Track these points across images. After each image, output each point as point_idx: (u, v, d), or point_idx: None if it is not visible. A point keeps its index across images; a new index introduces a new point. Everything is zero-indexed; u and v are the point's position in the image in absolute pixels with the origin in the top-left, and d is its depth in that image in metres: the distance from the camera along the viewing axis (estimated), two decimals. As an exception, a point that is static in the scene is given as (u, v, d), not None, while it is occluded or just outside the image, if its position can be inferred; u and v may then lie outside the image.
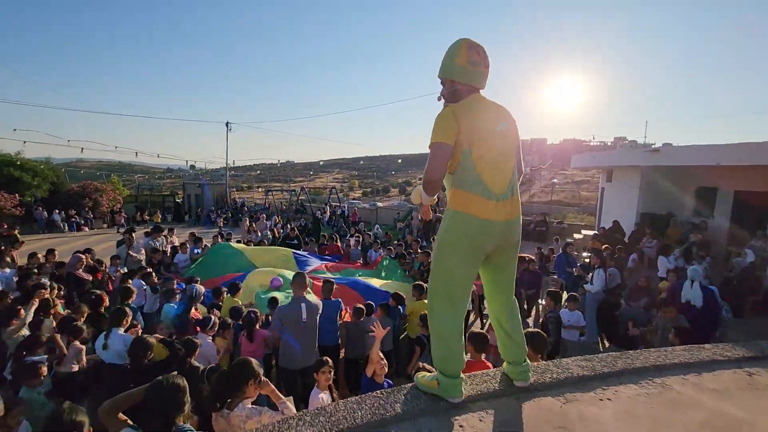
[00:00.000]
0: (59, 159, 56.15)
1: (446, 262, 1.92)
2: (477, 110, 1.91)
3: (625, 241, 11.54)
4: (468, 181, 1.87)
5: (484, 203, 1.84)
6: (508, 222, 1.89)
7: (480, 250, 1.90)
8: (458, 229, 1.88)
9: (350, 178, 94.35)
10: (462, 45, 1.96)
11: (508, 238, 1.93)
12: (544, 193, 44.00)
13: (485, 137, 1.87)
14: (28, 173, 20.66)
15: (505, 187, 1.89)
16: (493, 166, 1.87)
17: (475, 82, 1.97)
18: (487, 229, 1.85)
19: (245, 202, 29.94)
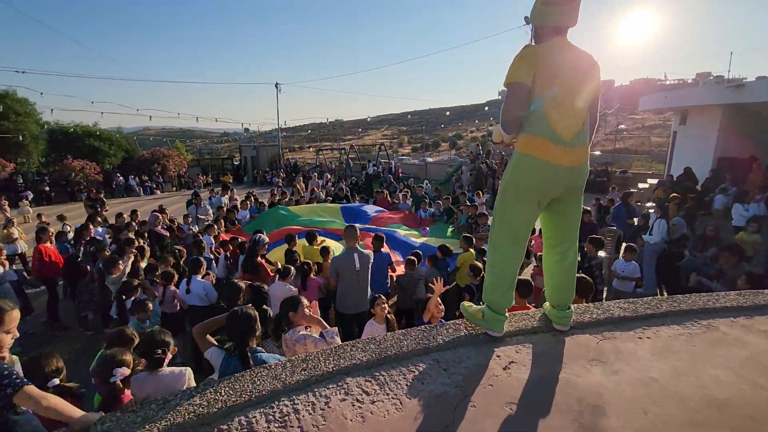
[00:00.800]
0: (129, 128, 60.75)
1: (511, 201, 2.00)
2: (553, 54, 1.88)
3: (698, 189, 10.65)
4: (536, 124, 1.89)
5: (551, 147, 1.87)
6: (573, 168, 1.92)
7: (544, 193, 1.96)
8: (524, 170, 1.94)
9: (399, 134, 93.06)
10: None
11: (573, 184, 1.96)
12: (608, 140, 40.84)
13: (557, 82, 1.86)
14: (105, 143, 22.77)
15: (573, 133, 1.89)
16: (563, 112, 1.87)
17: (554, 21, 1.91)
18: (552, 173, 1.89)
19: (297, 161, 30.86)
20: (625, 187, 16.06)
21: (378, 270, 5.27)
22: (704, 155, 11.57)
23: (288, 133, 75.03)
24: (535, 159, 1.90)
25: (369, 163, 25.19)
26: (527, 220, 2.00)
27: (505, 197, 2.03)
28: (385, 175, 21.89)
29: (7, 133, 18.84)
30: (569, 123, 1.88)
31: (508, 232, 2.03)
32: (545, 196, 1.98)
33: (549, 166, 1.88)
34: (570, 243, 2.12)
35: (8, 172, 18.09)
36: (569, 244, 2.12)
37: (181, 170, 25.02)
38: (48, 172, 20.74)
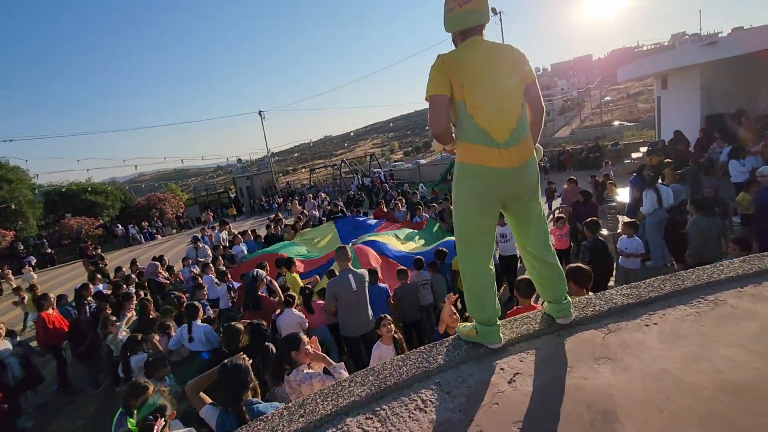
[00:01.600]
0: (123, 177, 61.28)
1: (461, 214, 1.97)
2: (466, 57, 1.85)
3: (691, 150, 10.57)
4: (467, 131, 1.86)
5: (487, 152, 1.83)
6: (515, 169, 1.86)
7: (490, 199, 1.91)
8: (465, 180, 1.91)
9: (389, 140, 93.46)
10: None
11: (518, 185, 1.90)
12: (595, 115, 40.83)
13: (476, 84, 1.82)
14: (101, 196, 22.93)
15: (508, 133, 1.83)
16: (489, 112, 1.82)
17: (460, 25, 1.90)
18: (493, 178, 1.85)
19: (291, 184, 30.94)
20: (620, 159, 16.01)
21: (375, 303, 4.97)
22: (691, 116, 11.51)
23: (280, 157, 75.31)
24: (472, 166, 1.87)
25: (356, 176, 25.23)
26: (480, 230, 1.95)
27: (455, 211, 2.01)
28: (375, 186, 21.87)
29: (2, 202, 18.97)
30: (499, 123, 1.82)
31: (466, 245, 1.99)
32: (492, 202, 1.92)
33: (487, 170, 1.83)
34: (539, 243, 2.05)
35: (8, 240, 18.16)
36: (539, 244, 2.05)
37: (179, 211, 25.12)
38: (48, 234, 20.85)
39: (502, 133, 1.83)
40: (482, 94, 1.82)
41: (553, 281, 2.09)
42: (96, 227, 20.56)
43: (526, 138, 1.90)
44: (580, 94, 54.72)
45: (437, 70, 1.85)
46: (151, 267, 6.48)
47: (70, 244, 19.64)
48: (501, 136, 1.83)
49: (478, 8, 1.86)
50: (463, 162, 1.91)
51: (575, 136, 29.98)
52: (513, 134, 1.84)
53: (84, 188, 22.78)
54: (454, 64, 1.83)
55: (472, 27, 1.89)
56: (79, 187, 22.73)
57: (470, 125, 1.84)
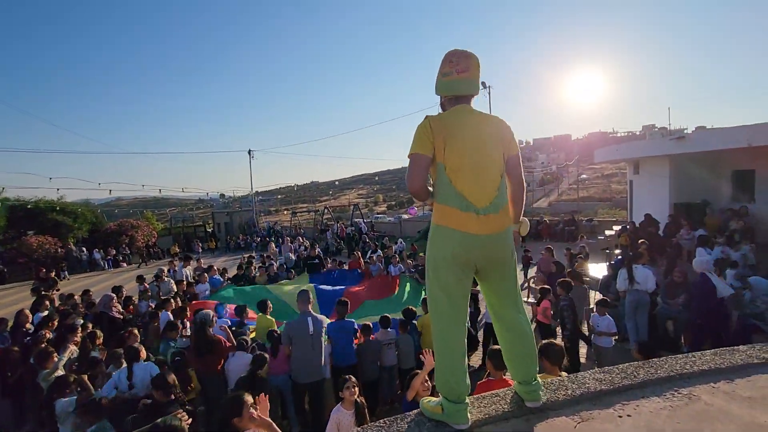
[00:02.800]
0: (99, 200, 59.57)
1: (433, 277, 1.91)
2: (453, 122, 1.87)
3: (660, 234, 10.99)
4: (445, 194, 1.85)
5: (464, 216, 1.80)
6: (492, 236, 1.83)
7: (464, 264, 1.85)
8: (439, 242, 1.87)
9: (374, 192, 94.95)
10: (443, 59, 1.96)
11: (493, 253, 1.87)
12: (572, 190, 42.74)
13: (460, 149, 1.83)
14: (69, 216, 21.98)
15: (487, 200, 1.83)
16: (471, 180, 1.83)
17: (453, 91, 1.95)
18: (468, 243, 1.81)
19: (270, 225, 30.54)
20: (593, 234, 16.52)
21: (342, 338, 5.02)
22: (661, 201, 12.11)
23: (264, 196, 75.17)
24: (447, 229, 1.84)
25: (335, 224, 25.15)
26: (453, 294, 1.87)
27: (428, 273, 1.95)
28: (353, 236, 21.78)
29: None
30: (479, 189, 1.83)
31: (436, 309, 1.91)
32: (467, 266, 1.87)
33: (462, 235, 1.80)
34: (513, 312, 1.98)
35: (-42, 253, 16.96)
36: (513, 313, 1.98)
37: (150, 240, 24.22)
38: (4, 250, 19.61)
39: (481, 200, 1.82)
40: (464, 158, 1.82)
41: (524, 358, 1.99)
42: (58, 247, 19.49)
43: (505, 207, 1.89)
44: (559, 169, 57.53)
45: (423, 130, 1.87)
46: (106, 299, 6.01)
47: (26, 263, 18.45)
48: (480, 201, 1.82)
49: (473, 78, 1.93)
50: (439, 224, 1.87)
51: (553, 208, 31.06)
52: (493, 201, 1.84)
53: (52, 206, 21.86)
54: (440, 126, 1.85)
55: (463, 96, 1.95)
56: (47, 204, 21.82)
57: (449, 188, 1.83)
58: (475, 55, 1.94)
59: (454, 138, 1.83)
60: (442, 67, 1.95)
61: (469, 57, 1.92)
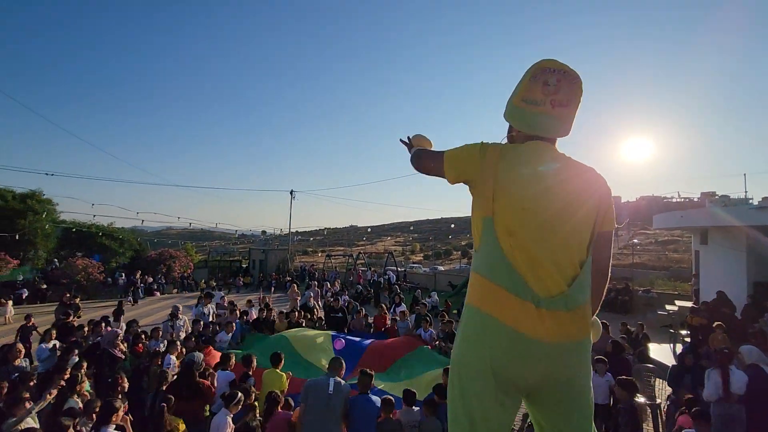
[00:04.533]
0: (152, 227, 63.00)
1: (457, 392, 1.25)
2: (523, 162, 1.25)
3: (737, 316, 9.46)
4: (493, 265, 1.22)
5: (518, 306, 1.17)
6: (560, 347, 1.17)
7: (507, 383, 1.19)
8: (473, 338, 1.23)
9: (411, 241, 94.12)
10: (527, 74, 1.32)
11: (558, 371, 1.20)
12: (623, 255, 39.97)
13: (526, 205, 1.21)
14: (116, 242, 22.97)
15: (557, 289, 1.18)
16: (538, 253, 1.19)
17: (537, 129, 1.31)
18: (519, 348, 1.16)
19: (305, 266, 30.42)
20: (652, 308, 14.77)
21: (364, 419, 4.27)
22: (735, 278, 10.60)
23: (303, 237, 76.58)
24: (488, 320, 1.19)
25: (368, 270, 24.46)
26: (485, 418, 1.19)
27: (452, 383, 1.29)
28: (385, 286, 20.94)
29: (22, 230, 19.15)
30: (547, 271, 1.19)
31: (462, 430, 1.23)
32: (508, 388, 1.20)
33: (512, 336, 1.16)
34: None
35: (10, 269, 17.88)
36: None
37: (186, 271, 24.64)
38: (51, 270, 20.54)
39: (549, 286, 1.17)
40: (530, 219, 1.20)
41: None
42: (100, 272, 20.17)
43: (583, 306, 1.22)
44: (608, 231, 54.51)
45: (470, 152, 1.30)
46: (111, 335, 5.62)
47: (68, 284, 19.12)
48: (546, 287, 1.17)
49: (570, 116, 1.32)
50: (480, 309, 1.22)
51: (602, 272, 28.86)
52: (566, 293, 1.18)
53: (102, 231, 23.00)
54: (502, 162, 1.24)
55: (547, 137, 1.34)
56: (97, 229, 22.98)
57: (497, 256, 1.21)
58: (581, 80, 1.30)
59: (519, 186, 1.22)
60: (528, 88, 1.31)
61: (574, 83, 1.29)
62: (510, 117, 1.38)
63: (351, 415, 4.26)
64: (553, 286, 1.18)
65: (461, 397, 1.24)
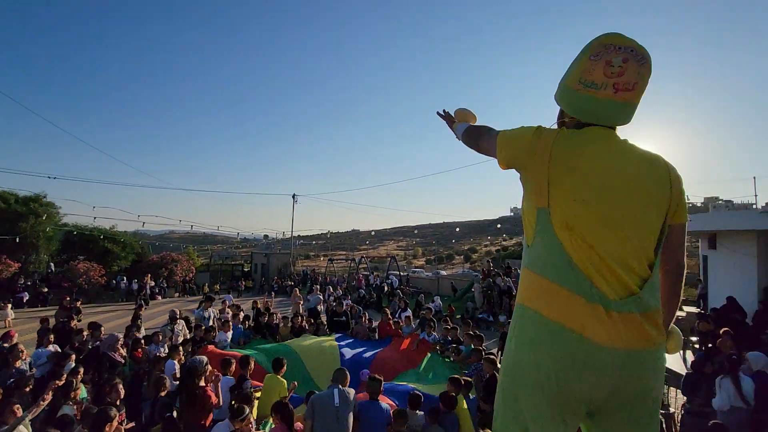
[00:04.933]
0: (155, 231, 62.98)
1: (516, 396, 1.10)
2: (582, 149, 1.11)
3: (748, 323, 9.25)
4: (553, 262, 1.08)
5: (586, 308, 1.02)
6: (635, 353, 1.02)
7: (573, 395, 1.04)
8: (537, 344, 1.07)
9: (413, 245, 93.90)
10: (586, 51, 1.16)
11: (633, 383, 1.04)
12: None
13: (587, 195, 1.06)
14: (118, 245, 22.89)
15: (625, 290, 1.04)
16: (597, 245, 1.05)
17: (588, 115, 1.17)
18: (586, 356, 1.01)
19: (307, 270, 30.31)
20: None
21: (374, 426, 4.15)
22: (746, 284, 10.40)
23: (305, 241, 76.51)
24: (550, 325, 1.04)
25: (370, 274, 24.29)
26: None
27: (506, 386, 1.13)
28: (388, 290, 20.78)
29: (23, 233, 19.09)
30: (616, 268, 1.04)
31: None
32: (570, 405, 1.05)
33: (580, 343, 1.01)
34: None
35: (11, 272, 17.80)
36: None
37: (188, 276, 24.53)
38: (53, 273, 20.48)
39: (617, 287, 1.04)
40: (591, 215, 1.06)
41: None
42: (101, 275, 20.08)
43: (657, 310, 1.07)
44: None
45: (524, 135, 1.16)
46: (111, 339, 5.49)
47: (69, 287, 19.03)
48: (614, 290, 1.03)
49: (635, 103, 1.16)
50: (539, 311, 1.08)
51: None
52: (639, 295, 1.04)
53: (106, 234, 22.94)
54: (558, 148, 1.10)
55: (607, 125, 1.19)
56: (99, 232, 22.91)
57: (559, 256, 1.06)
58: (651, 60, 1.13)
59: (579, 175, 1.07)
60: (587, 68, 1.15)
61: (643, 63, 1.12)
62: (562, 101, 1.23)
63: (360, 421, 4.14)
64: (622, 288, 1.03)
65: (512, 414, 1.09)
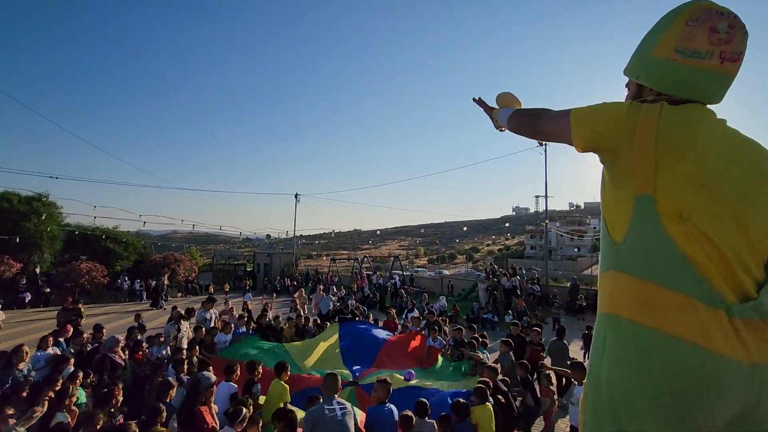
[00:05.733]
0: (157, 231, 62.97)
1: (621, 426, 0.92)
2: (684, 125, 0.96)
3: None
4: (661, 262, 0.92)
5: (708, 315, 0.86)
6: (762, 368, 0.87)
7: (693, 420, 0.86)
8: (637, 362, 0.91)
9: (416, 245, 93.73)
10: (679, 16, 1.02)
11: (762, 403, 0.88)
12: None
13: (699, 180, 0.91)
14: (120, 245, 22.82)
15: (745, 292, 0.89)
16: (717, 242, 0.89)
17: (686, 88, 1.02)
18: (710, 373, 0.85)
19: (309, 270, 30.19)
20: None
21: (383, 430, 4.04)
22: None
23: (307, 240, 76.44)
24: (665, 339, 0.88)
25: (373, 274, 24.14)
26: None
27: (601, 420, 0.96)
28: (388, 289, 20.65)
29: (27, 233, 19.04)
30: (734, 270, 0.89)
31: None
32: (702, 424, 0.87)
33: (702, 356, 0.85)
34: None
35: (13, 272, 17.74)
36: None
37: (191, 275, 24.45)
38: (56, 273, 20.43)
39: (736, 290, 0.89)
40: (711, 202, 0.90)
41: None
42: (104, 275, 20.02)
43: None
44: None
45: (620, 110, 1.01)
46: (111, 341, 5.36)
47: (71, 288, 18.96)
48: (736, 291, 0.88)
49: (734, 75, 1.02)
50: (641, 323, 0.92)
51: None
52: (761, 296, 0.89)
53: (107, 234, 22.87)
54: (668, 125, 0.95)
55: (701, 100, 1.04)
56: (101, 232, 22.85)
57: (669, 253, 0.91)
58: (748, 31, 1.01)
59: (695, 156, 0.92)
60: (686, 35, 1.00)
61: (746, 33, 0.99)
62: (648, 74, 1.07)
63: (374, 426, 4.03)
64: (741, 292, 0.88)
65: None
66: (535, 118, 1.25)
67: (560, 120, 1.11)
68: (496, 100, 1.54)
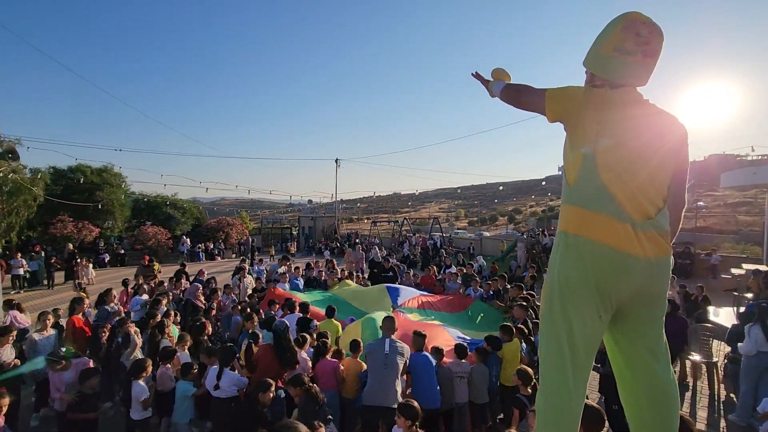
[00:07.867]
0: (207, 198, 66.87)
1: (557, 309, 1.44)
2: (621, 106, 1.43)
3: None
4: (591, 194, 1.40)
5: (615, 226, 1.35)
6: (649, 261, 1.36)
7: (607, 295, 1.38)
8: (577, 260, 1.40)
9: (456, 207, 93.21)
10: (616, 24, 1.47)
11: (653, 284, 1.40)
12: (685, 218, 37.26)
13: (624, 144, 1.39)
14: (179, 211, 24.86)
15: (649, 212, 1.38)
16: (632, 185, 1.38)
17: (628, 78, 1.47)
18: (619, 264, 1.35)
19: (350, 233, 31.34)
20: (716, 272, 13.98)
21: (425, 371, 4.46)
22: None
23: (347, 204, 78.13)
24: (589, 243, 1.37)
25: (412, 236, 24.65)
26: (583, 335, 1.39)
27: (551, 301, 1.46)
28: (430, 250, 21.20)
29: (101, 201, 21.26)
30: (640, 198, 1.38)
31: (556, 351, 1.42)
32: (606, 301, 1.38)
33: (614, 254, 1.34)
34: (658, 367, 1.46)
35: (93, 236, 20.01)
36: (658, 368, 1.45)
37: (242, 238, 26.30)
38: (127, 237, 22.82)
39: (642, 211, 1.37)
40: (627, 157, 1.39)
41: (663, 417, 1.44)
42: (167, 238, 22.09)
43: (667, 231, 1.42)
44: (669, 193, 50.68)
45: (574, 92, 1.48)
46: (194, 288, 6.44)
47: (141, 249, 21.16)
48: (640, 212, 1.37)
49: (654, 65, 1.48)
50: (576, 234, 1.41)
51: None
52: (655, 218, 1.38)
53: (166, 201, 24.92)
54: (604, 103, 1.42)
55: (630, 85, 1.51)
56: (162, 199, 24.90)
57: (596, 185, 1.39)
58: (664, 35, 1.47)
59: (619, 127, 1.40)
60: (620, 38, 1.45)
61: (661, 36, 1.45)
62: (597, 66, 1.51)
63: (413, 370, 4.49)
64: (644, 214, 1.37)
65: (562, 311, 1.41)
66: (519, 93, 1.66)
67: (537, 97, 1.54)
68: (491, 74, 1.91)
